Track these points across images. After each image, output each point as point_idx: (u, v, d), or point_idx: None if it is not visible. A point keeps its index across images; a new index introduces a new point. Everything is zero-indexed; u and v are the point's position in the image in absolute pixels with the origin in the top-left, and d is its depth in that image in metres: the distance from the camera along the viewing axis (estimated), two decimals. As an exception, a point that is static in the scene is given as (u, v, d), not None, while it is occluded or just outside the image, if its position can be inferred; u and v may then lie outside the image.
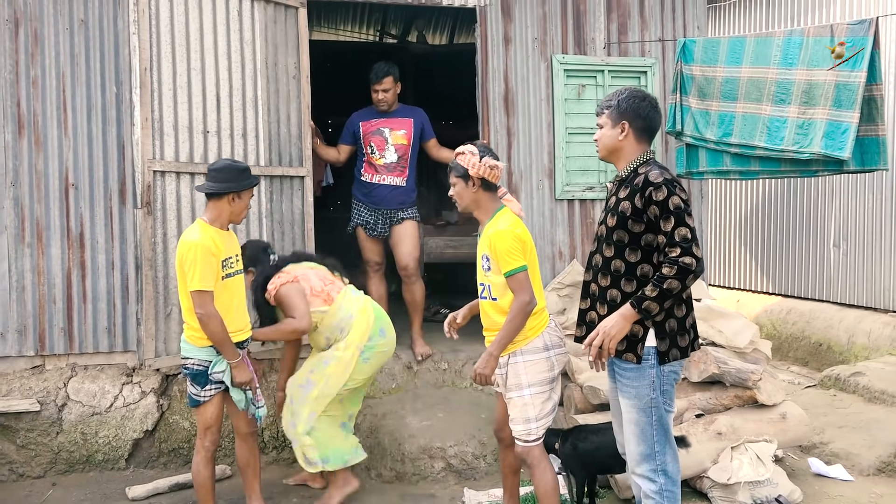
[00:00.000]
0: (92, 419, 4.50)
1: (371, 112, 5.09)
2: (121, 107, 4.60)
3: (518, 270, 3.13)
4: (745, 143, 4.29)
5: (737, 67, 4.31)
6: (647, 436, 2.89)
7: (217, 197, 3.47)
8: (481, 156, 3.23)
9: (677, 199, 2.73)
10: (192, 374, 3.50)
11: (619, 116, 2.93)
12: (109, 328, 4.61)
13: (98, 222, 4.59)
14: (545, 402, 3.24)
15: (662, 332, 2.86)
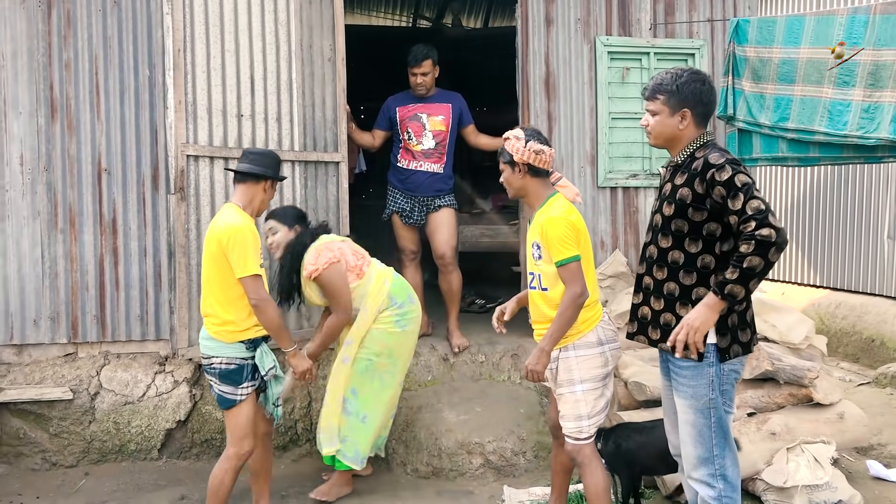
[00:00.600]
0: (124, 408, 4.44)
1: (408, 97, 4.94)
2: (154, 90, 4.51)
3: (570, 260, 2.96)
4: (803, 129, 4.06)
5: (795, 48, 4.08)
6: (704, 438, 2.71)
7: (254, 180, 3.32)
8: (526, 140, 3.07)
9: (743, 176, 2.52)
10: (221, 374, 3.23)
11: (680, 103, 2.71)
12: (142, 316, 4.54)
13: (131, 208, 4.51)
14: (598, 398, 3.08)
15: (724, 327, 2.66)
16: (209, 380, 3.33)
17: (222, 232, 3.16)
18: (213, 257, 3.21)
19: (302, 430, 4.59)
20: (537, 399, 4.76)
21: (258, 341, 3.31)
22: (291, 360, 3.36)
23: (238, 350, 3.25)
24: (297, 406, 4.58)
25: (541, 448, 4.34)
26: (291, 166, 4.41)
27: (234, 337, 3.23)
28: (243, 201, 3.33)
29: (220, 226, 3.19)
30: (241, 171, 3.33)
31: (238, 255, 3.14)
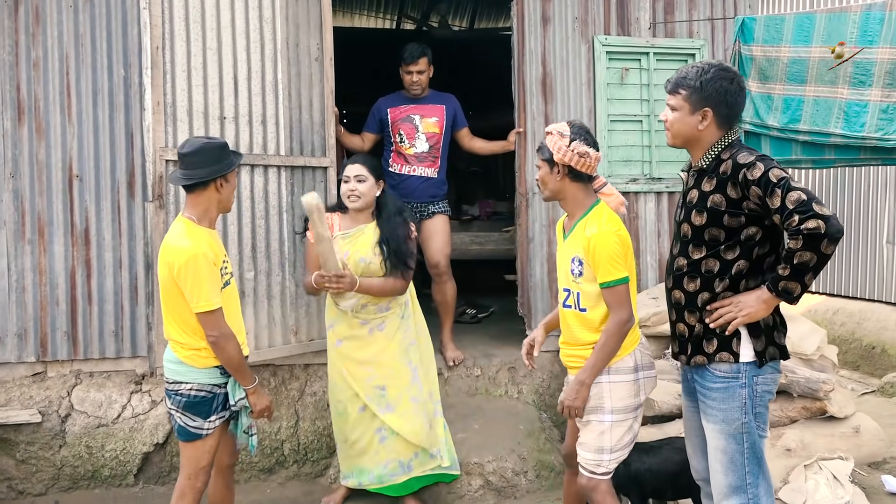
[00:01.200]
0: (98, 431, 4.14)
1: (400, 97, 4.71)
2: (129, 91, 4.24)
3: (619, 282, 2.68)
4: (817, 130, 3.89)
5: (805, 47, 3.92)
6: (737, 465, 2.52)
7: (202, 187, 2.84)
8: (571, 139, 2.73)
9: (777, 170, 2.36)
10: (188, 403, 2.83)
11: (702, 101, 2.51)
12: (117, 332, 4.25)
13: (105, 217, 4.22)
14: (625, 432, 2.80)
15: (757, 329, 2.48)
16: (169, 407, 2.89)
17: (172, 257, 2.76)
18: (166, 283, 2.82)
19: (289, 450, 4.33)
20: (536, 415, 4.55)
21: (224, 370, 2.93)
22: (251, 398, 2.90)
23: (211, 375, 2.87)
24: (283, 426, 4.32)
25: (542, 467, 4.13)
26: (277, 172, 4.16)
27: (208, 362, 2.86)
28: (197, 213, 2.87)
29: (169, 249, 2.80)
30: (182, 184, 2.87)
31: (192, 287, 2.74)
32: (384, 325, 3.64)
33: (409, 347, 3.71)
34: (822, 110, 3.89)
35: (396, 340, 3.65)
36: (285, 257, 4.17)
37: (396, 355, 3.65)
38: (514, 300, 6.15)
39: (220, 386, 2.90)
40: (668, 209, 4.96)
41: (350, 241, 3.62)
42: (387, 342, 3.63)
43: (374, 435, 3.64)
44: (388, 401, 3.62)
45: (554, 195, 2.86)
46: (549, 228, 4.78)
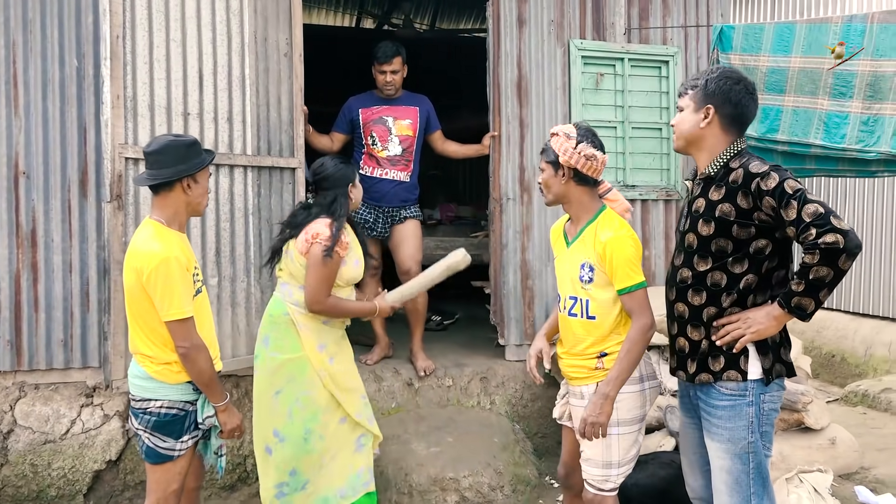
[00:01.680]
0: (44, 448, 3.84)
1: (371, 98, 4.53)
2: (82, 83, 3.95)
3: (639, 286, 2.59)
4: (796, 141, 3.89)
5: (785, 56, 3.91)
6: (742, 486, 2.43)
7: (167, 188, 2.64)
8: (578, 140, 2.64)
9: (792, 181, 2.27)
10: (158, 423, 2.61)
11: (705, 98, 2.46)
12: (66, 341, 3.95)
13: (54, 217, 3.92)
14: (632, 444, 2.71)
15: (764, 345, 2.40)
16: (136, 427, 2.65)
17: (141, 263, 2.55)
18: (133, 290, 2.61)
19: (252, 466, 4.09)
20: (510, 426, 4.43)
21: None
22: (221, 416, 2.70)
23: (183, 392, 2.66)
24: (246, 440, 4.09)
25: (518, 481, 4.01)
26: (243, 172, 3.93)
27: (180, 377, 2.65)
28: (165, 216, 2.67)
29: (137, 253, 2.59)
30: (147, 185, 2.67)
31: (162, 293, 2.54)
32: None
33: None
34: (802, 121, 3.88)
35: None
36: (251, 262, 3.95)
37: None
38: (479, 306, 6.06)
39: (192, 403, 2.69)
40: (642, 217, 4.91)
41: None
42: None
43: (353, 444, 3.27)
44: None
45: (557, 199, 2.75)
46: (522, 235, 4.67)
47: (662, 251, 4.97)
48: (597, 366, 2.69)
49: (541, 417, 4.62)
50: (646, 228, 4.95)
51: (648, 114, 4.93)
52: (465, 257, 3.39)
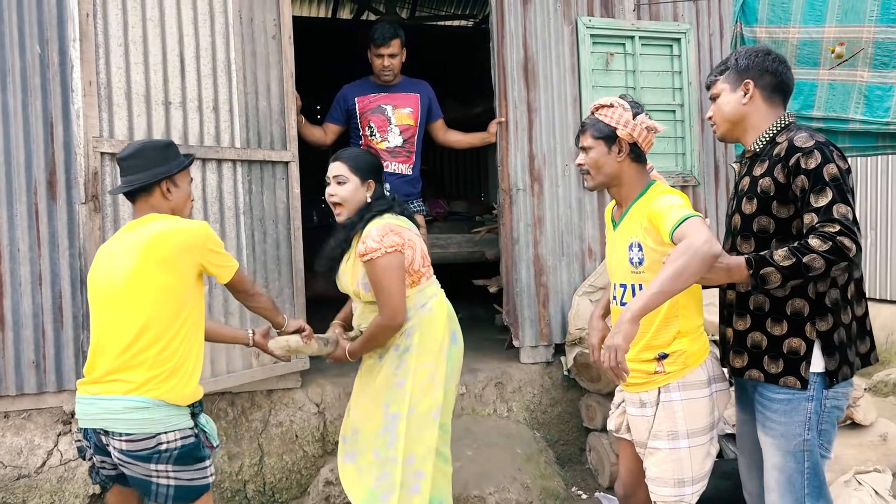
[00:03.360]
0: (17, 484, 3.41)
1: (368, 85, 4.16)
2: (46, 73, 3.52)
3: (689, 216, 2.07)
4: (834, 117, 3.61)
5: (818, 27, 3.63)
6: (795, 487, 2.21)
7: (146, 193, 2.42)
8: (635, 112, 2.37)
9: (834, 167, 2.10)
10: (182, 454, 2.27)
11: (740, 76, 2.33)
12: (38, 362, 3.52)
13: (19, 223, 3.49)
14: (705, 457, 2.37)
15: (830, 345, 2.17)
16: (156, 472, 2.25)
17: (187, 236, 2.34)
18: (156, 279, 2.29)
19: (253, 492, 3.71)
20: (531, 435, 4.10)
21: (198, 404, 2.41)
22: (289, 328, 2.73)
23: (186, 415, 2.32)
24: (245, 463, 3.70)
25: (547, 495, 3.68)
26: (232, 167, 3.55)
27: (194, 395, 2.34)
28: None
29: (168, 232, 2.33)
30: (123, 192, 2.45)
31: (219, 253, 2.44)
32: (384, 356, 2.79)
33: (395, 389, 2.73)
34: (840, 95, 3.60)
35: (382, 374, 2.76)
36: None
37: (374, 391, 2.78)
38: (480, 306, 5.72)
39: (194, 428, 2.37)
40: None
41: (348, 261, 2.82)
42: (375, 376, 2.80)
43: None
44: (355, 447, 2.80)
45: (609, 180, 2.42)
46: (534, 228, 4.34)
47: (681, 241, 4.67)
48: (657, 369, 2.35)
49: (561, 423, 4.30)
50: (662, 217, 4.65)
51: (661, 95, 4.64)
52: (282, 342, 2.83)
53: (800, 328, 2.18)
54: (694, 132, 4.68)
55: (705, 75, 4.74)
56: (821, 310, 2.17)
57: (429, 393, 2.73)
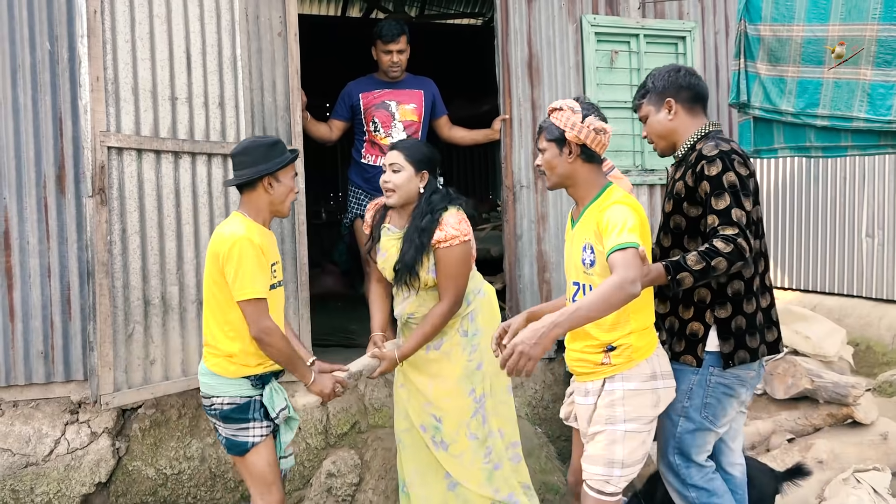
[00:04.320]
0: (25, 472, 3.48)
1: (373, 81, 4.20)
2: (56, 69, 3.58)
3: (627, 245, 2.20)
4: (838, 115, 3.60)
5: (822, 25, 3.63)
6: (667, 444, 2.56)
7: (249, 187, 2.68)
8: (584, 114, 2.40)
9: (733, 175, 2.37)
10: (224, 414, 2.64)
11: (661, 96, 2.60)
12: (46, 352, 3.59)
13: (28, 217, 3.55)
14: (639, 446, 2.42)
15: (727, 331, 2.46)
16: (212, 423, 2.78)
17: (220, 243, 2.59)
18: (212, 274, 2.64)
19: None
20: (532, 430, 4.12)
21: (267, 377, 2.71)
22: (313, 389, 2.75)
23: (242, 387, 2.66)
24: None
25: (547, 489, 3.71)
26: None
27: (238, 372, 2.64)
28: (249, 210, 2.71)
29: (217, 237, 2.64)
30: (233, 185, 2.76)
31: (235, 271, 2.55)
32: (441, 341, 2.94)
33: (475, 373, 2.96)
34: (844, 93, 3.60)
35: (458, 363, 2.94)
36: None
37: (456, 381, 2.94)
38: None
39: (252, 397, 2.67)
40: (661, 202, 4.62)
41: (392, 242, 2.98)
42: (445, 364, 2.94)
43: (441, 481, 2.98)
44: (442, 437, 2.97)
45: (563, 181, 2.49)
46: (538, 224, 4.36)
47: (684, 238, 4.68)
48: (603, 361, 2.43)
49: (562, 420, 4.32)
50: (666, 215, 4.66)
51: (666, 93, 4.63)
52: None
53: (701, 314, 2.47)
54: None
55: (711, 73, 4.75)
56: (721, 299, 2.45)
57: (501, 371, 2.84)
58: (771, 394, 3.61)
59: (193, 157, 3.43)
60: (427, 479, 2.99)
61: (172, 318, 3.38)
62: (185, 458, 3.65)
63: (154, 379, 3.33)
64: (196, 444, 3.68)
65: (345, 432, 3.89)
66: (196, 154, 3.44)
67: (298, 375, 2.72)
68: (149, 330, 3.30)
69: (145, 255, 3.28)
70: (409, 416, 3.02)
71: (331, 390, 2.75)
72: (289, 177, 2.73)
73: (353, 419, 3.92)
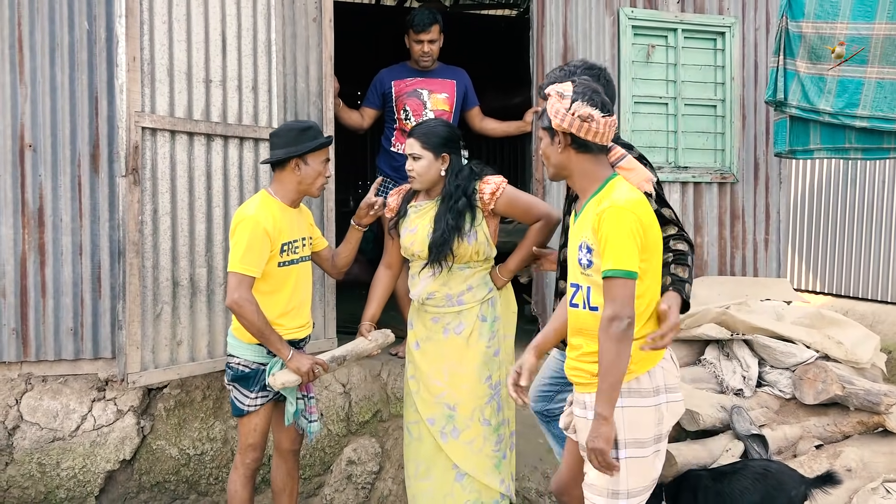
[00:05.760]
0: (52, 446, 3.53)
1: (405, 69, 4.18)
2: (93, 48, 3.62)
3: (621, 274, 2.11)
4: (880, 116, 3.52)
5: (867, 23, 3.54)
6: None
7: (280, 166, 2.86)
8: (573, 99, 2.18)
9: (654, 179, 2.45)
10: (235, 376, 2.85)
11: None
12: (76, 329, 3.64)
13: (62, 195, 3.60)
14: (646, 471, 2.24)
15: None
16: (226, 383, 2.95)
17: (234, 219, 2.82)
18: None
19: (277, 467, 3.78)
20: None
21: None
22: (290, 366, 2.78)
23: (257, 353, 2.84)
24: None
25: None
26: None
27: (250, 337, 2.81)
28: (277, 189, 2.90)
29: (236, 212, 2.86)
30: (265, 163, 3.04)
31: (233, 246, 2.76)
32: (461, 325, 2.94)
33: (492, 360, 2.98)
34: (888, 94, 3.52)
35: (476, 348, 2.94)
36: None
37: (474, 367, 2.94)
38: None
39: (263, 364, 2.84)
40: (695, 201, 4.56)
41: (421, 216, 2.99)
42: (464, 349, 2.94)
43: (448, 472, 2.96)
44: (454, 424, 2.96)
45: (558, 171, 2.32)
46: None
47: (716, 238, 4.62)
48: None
49: (585, 416, 4.29)
50: (698, 213, 4.59)
51: (702, 90, 4.57)
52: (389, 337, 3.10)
53: None
54: (735, 128, 4.61)
55: (749, 70, 4.66)
56: None
57: (514, 361, 2.98)
58: (800, 398, 3.54)
59: (226, 140, 3.44)
60: (431, 472, 2.98)
61: (200, 300, 3.40)
62: (209, 439, 3.69)
63: (180, 360, 3.35)
64: (219, 426, 3.71)
65: (366, 420, 3.90)
66: (228, 137, 3.45)
67: (274, 350, 2.79)
68: (176, 311, 3.32)
69: (175, 236, 3.30)
70: (417, 408, 3.01)
71: (308, 369, 2.79)
72: (318, 161, 2.85)
73: (375, 407, 3.93)
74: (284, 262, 2.83)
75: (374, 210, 3.05)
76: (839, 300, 6.30)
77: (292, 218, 2.88)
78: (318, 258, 3.12)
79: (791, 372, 3.64)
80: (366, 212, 3.05)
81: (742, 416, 3.45)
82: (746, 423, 3.40)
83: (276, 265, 2.80)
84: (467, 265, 2.94)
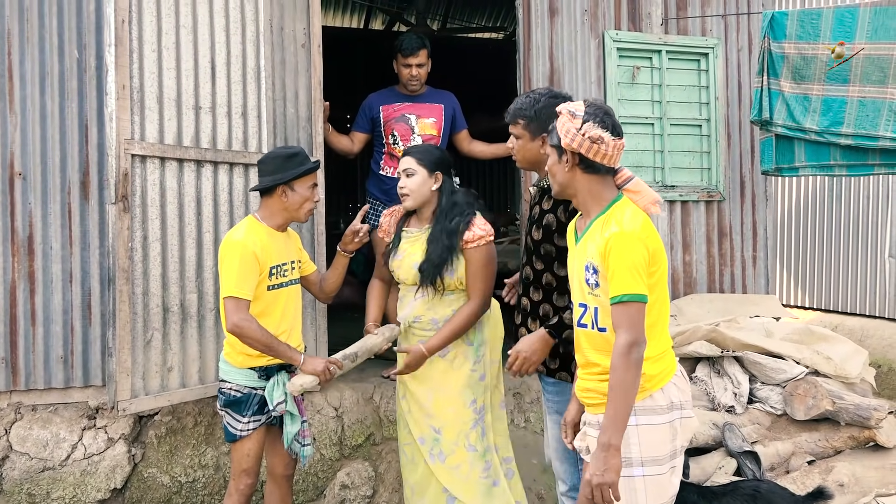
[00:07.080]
0: (42, 476, 3.49)
1: (393, 94, 4.22)
2: (84, 76, 3.64)
3: (633, 299, 2.12)
4: (863, 134, 3.58)
5: (847, 43, 3.61)
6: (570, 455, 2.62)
7: (267, 193, 2.88)
8: (584, 120, 2.21)
9: None
10: (228, 401, 2.85)
11: (540, 129, 2.63)
12: (66, 357, 3.62)
13: (52, 222, 3.60)
14: (664, 488, 2.21)
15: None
16: (218, 408, 2.95)
17: (221, 245, 2.84)
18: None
19: (269, 493, 3.75)
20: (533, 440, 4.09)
21: (272, 370, 2.86)
22: (303, 369, 2.78)
23: (248, 377, 2.85)
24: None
25: None
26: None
27: (244, 362, 2.83)
28: (264, 214, 2.91)
29: (224, 239, 2.86)
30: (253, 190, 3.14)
31: (222, 272, 2.78)
32: (447, 349, 2.94)
33: (477, 384, 2.98)
34: (870, 112, 3.58)
35: (461, 371, 2.95)
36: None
37: (457, 390, 2.94)
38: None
39: (256, 389, 2.85)
40: (682, 219, 4.60)
41: (410, 243, 3.02)
42: (449, 372, 2.94)
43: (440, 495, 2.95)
44: (441, 448, 2.96)
45: (564, 190, 2.33)
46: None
47: (704, 256, 4.66)
48: None
49: (579, 436, 4.29)
50: (686, 232, 4.63)
51: (687, 109, 4.64)
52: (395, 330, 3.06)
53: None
54: (720, 147, 4.66)
55: (733, 91, 4.73)
56: None
57: (499, 385, 3.09)
58: (791, 415, 3.56)
59: (215, 166, 3.46)
60: (426, 494, 2.98)
61: (191, 326, 3.40)
62: (200, 465, 3.66)
63: (171, 386, 3.34)
64: (211, 453, 3.68)
65: (359, 444, 3.89)
66: (218, 163, 3.47)
67: (286, 359, 2.79)
68: (167, 337, 3.32)
69: (165, 262, 3.31)
70: (409, 429, 3.02)
71: (324, 368, 2.77)
72: (305, 186, 2.86)
73: (367, 431, 3.92)
74: (273, 286, 2.84)
75: (359, 237, 3.04)
76: (828, 315, 6.33)
77: (280, 242, 2.90)
78: (307, 282, 3.12)
79: (782, 388, 3.67)
80: (351, 238, 3.04)
81: (734, 432, 3.47)
82: (739, 439, 3.42)
83: (266, 288, 2.81)
84: (452, 291, 2.95)
